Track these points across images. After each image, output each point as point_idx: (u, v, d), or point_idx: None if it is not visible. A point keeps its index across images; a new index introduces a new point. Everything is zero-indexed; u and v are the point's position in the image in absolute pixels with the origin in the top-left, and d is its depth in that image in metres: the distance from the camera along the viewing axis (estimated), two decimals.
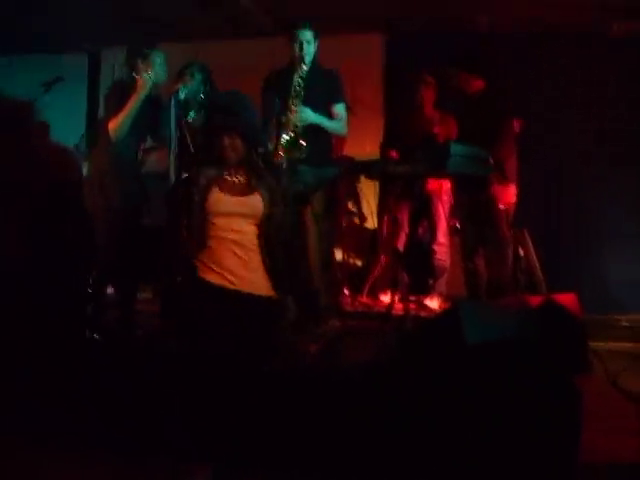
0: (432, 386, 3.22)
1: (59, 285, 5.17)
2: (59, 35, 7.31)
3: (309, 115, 4.64)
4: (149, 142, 5.11)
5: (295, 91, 4.66)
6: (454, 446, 3.01)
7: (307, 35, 4.76)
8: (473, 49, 6.19)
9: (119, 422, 3.50)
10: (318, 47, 4.84)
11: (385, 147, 6.00)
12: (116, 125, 4.59)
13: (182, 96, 4.66)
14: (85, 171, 6.14)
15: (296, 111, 4.61)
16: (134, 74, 4.69)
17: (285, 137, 4.59)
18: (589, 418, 2.94)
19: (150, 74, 4.63)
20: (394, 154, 5.67)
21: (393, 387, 3.32)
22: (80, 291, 5.15)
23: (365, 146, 6.02)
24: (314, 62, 4.85)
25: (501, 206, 5.01)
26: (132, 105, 4.59)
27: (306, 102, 4.64)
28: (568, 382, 3.05)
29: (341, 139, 5.66)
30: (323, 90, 4.77)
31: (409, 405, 3.19)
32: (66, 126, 7.21)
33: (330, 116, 4.78)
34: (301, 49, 4.74)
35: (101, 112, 5.49)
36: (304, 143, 4.57)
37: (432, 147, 5.18)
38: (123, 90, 4.70)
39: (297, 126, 4.61)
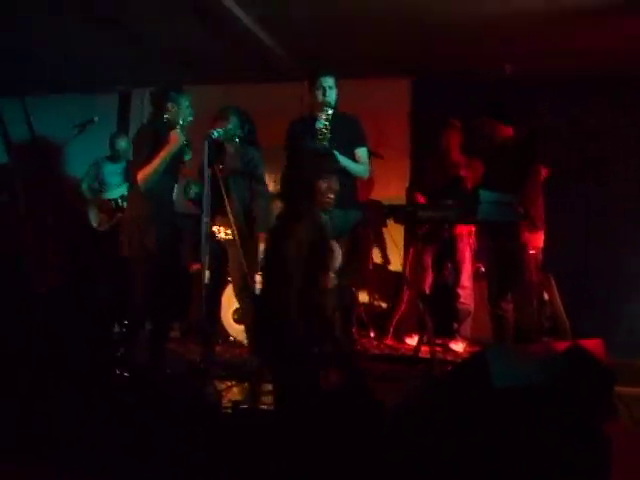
0: (459, 430, 3.23)
1: (90, 323, 5.28)
2: (91, 76, 7.47)
3: (338, 158, 4.69)
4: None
5: (322, 134, 4.76)
6: None
7: (329, 81, 4.89)
8: (500, 96, 6.25)
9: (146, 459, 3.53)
10: (338, 93, 4.95)
11: (412, 190, 6.08)
12: (145, 176, 4.64)
13: (215, 138, 4.72)
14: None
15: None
16: (172, 115, 4.81)
17: None
18: (616, 464, 2.94)
19: (183, 134, 4.73)
20: (421, 198, 5.74)
21: (420, 430, 3.33)
22: (111, 330, 5.26)
23: (390, 189, 6.09)
24: (336, 107, 4.95)
25: (531, 251, 5.03)
26: (162, 159, 4.65)
27: (331, 145, 4.72)
28: (596, 428, 3.05)
29: (365, 182, 5.71)
30: (346, 134, 4.86)
31: (436, 449, 3.20)
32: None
33: (354, 160, 4.87)
34: (324, 94, 4.86)
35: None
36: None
37: (461, 194, 5.25)
38: (151, 137, 4.75)
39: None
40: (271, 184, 5.93)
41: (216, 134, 4.70)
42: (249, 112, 5.20)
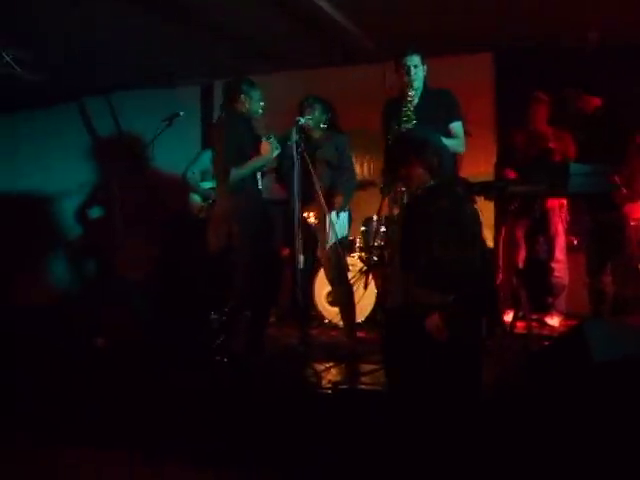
0: (558, 406, 3.23)
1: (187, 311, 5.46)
2: (173, 69, 7.62)
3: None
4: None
5: (406, 116, 4.75)
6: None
7: (415, 60, 4.86)
8: (587, 66, 6.11)
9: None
10: (427, 70, 4.94)
11: (501, 166, 6.01)
12: (235, 177, 4.79)
13: (302, 125, 4.81)
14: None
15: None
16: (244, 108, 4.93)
17: None
18: None
19: (276, 144, 4.84)
20: (511, 173, 5.67)
21: (520, 407, 3.34)
22: (209, 319, 5.41)
23: (479, 166, 6.03)
24: (426, 85, 4.94)
25: (632, 223, 4.94)
26: (254, 165, 4.84)
27: (425, 124, 4.68)
28: None
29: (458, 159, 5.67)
30: (439, 110, 4.84)
31: (534, 425, 3.21)
32: (181, 155, 7.56)
33: (448, 135, 4.82)
34: (409, 74, 4.84)
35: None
36: None
37: (551, 168, 5.17)
38: (238, 136, 4.88)
39: None
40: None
41: (303, 120, 4.81)
42: (330, 99, 5.28)
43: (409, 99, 4.81)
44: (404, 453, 3.30)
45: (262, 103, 5.04)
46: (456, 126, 4.94)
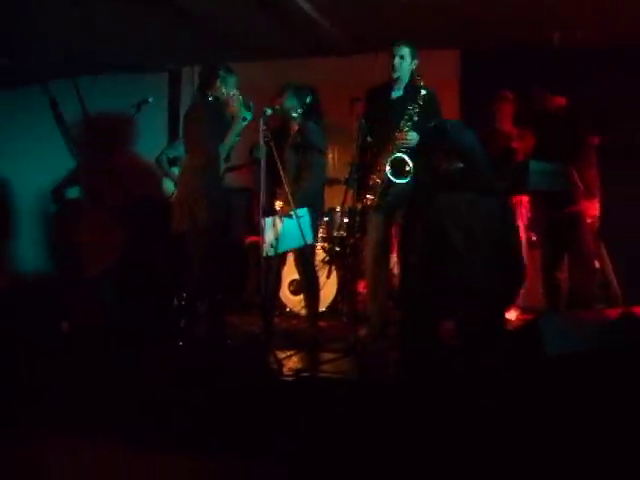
0: (511, 397, 3.30)
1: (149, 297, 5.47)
2: (141, 55, 7.59)
3: (414, 139, 4.75)
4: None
5: (408, 115, 4.76)
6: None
7: (403, 50, 4.87)
8: (551, 66, 6.24)
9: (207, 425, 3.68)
10: (416, 64, 4.95)
11: None
12: (223, 152, 4.91)
13: (269, 115, 4.84)
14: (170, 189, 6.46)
15: (405, 135, 4.74)
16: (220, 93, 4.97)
17: (392, 157, 4.73)
18: None
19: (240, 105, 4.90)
20: None
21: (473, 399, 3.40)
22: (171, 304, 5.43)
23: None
24: (412, 80, 4.94)
25: (588, 220, 5.07)
26: (232, 134, 4.91)
27: (402, 116, 4.76)
28: None
29: None
30: (422, 111, 4.81)
31: (489, 417, 3.28)
32: (147, 141, 7.56)
33: None
34: (393, 62, 4.87)
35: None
36: (411, 164, 4.69)
37: (513, 165, 5.28)
38: (216, 116, 4.95)
39: (401, 148, 4.74)
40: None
41: (269, 111, 4.84)
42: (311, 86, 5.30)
43: (417, 101, 4.77)
44: (364, 441, 3.37)
45: (236, 90, 5.06)
46: None
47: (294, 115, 5.13)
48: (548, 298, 5.25)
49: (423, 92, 4.77)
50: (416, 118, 4.75)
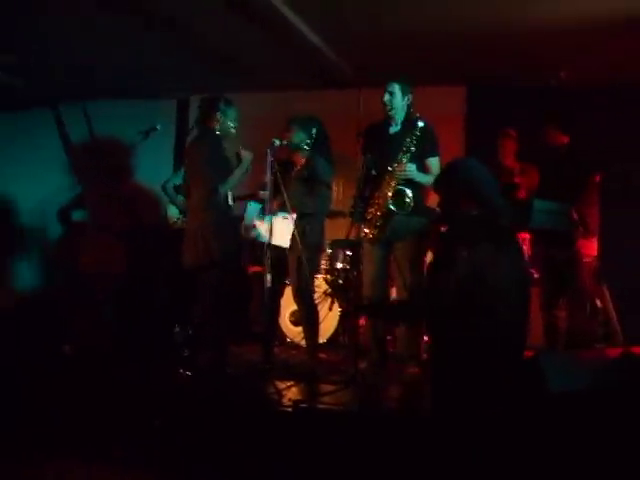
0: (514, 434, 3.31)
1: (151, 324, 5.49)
2: (151, 82, 7.68)
3: (414, 173, 4.81)
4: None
5: (406, 147, 4.81)
6: None
7: (393, 87, 4.95)
8: (556, 103, 6.31)
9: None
10: (409, 100, 5.01)
11: None
12: (224, 191, 4.93)
13: (277, 146, 4.88)
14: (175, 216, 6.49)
15: (404, 166, 4.78)
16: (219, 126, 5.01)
17: (392, 189, 4.77)
18: None
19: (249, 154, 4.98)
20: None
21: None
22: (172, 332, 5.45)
23: None
24: (408, 115, 5.02)
25: (585, 259, 5.10)
26: (239, 175, 4.96)
27: (400, 152, 4.81)
28: None
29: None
30: (418, 143, 4.87)
31: (492, 452, 3.29)
32: (153, 168, 7.59)
33: (424, 169, 4.93)
34: (385, 99, 4.95)
35: None
36: (410, 196, 4.74)
37: (516, 202, 5.32)
38: (219, 151, 4.99)
39: (400, 180, 4.78)
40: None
41: (277, 142, 4.88)
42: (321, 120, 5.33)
43: (415, 132, 4.81)
44: (362, 473, 3.38)
45: (236, 123, 5.11)
46: (432, 161, 4.99)
47: (304, 148, 5.15)
48: (547, 336, 5.26)
49: (420, 124, 4.82)
50: (413, 149, 4.80)
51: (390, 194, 4.76)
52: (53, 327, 5.46)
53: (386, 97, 4.95)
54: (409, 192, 4.74)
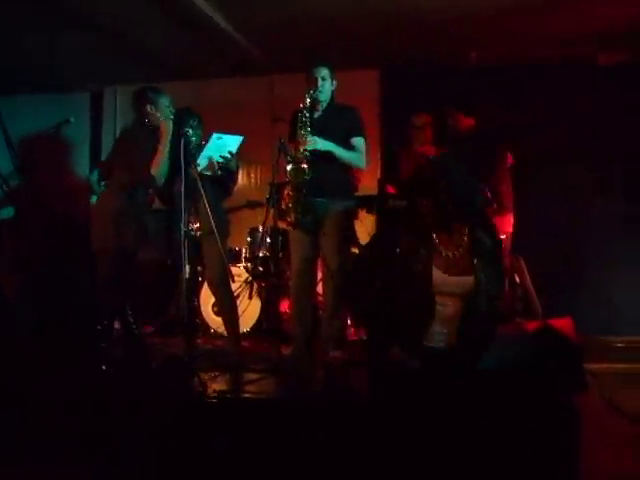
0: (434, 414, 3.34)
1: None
2: (62, 74, 7.52)
3: (317, 142, 4.77)
4: None
5: (301, 122, 4.81)
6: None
7: (323, 72, 4.91)
8: (466, 86, 6.40)
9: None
10: (335, 85, 5.01)
11: (383, 182, 6.20)
12: (157, 169, 4.80)
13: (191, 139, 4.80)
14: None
15: (304, 140, 4.77)
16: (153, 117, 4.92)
17: (292, 165, 4.77)
18: (587, 434, 3.09)
19: (169, 118, 4.85)
20: (391, 189, 5.85)
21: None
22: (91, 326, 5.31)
23: (364, 180, 6.15)
24: (333, 99, 5.02)
25: (501, 235, 5.19)
26: (165, 149, 4.81)
27: (326, 136, 4.79)
28: (566, 402, 3.19)
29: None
30: (342, 125, 4.90)
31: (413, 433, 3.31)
32: (70, 160, 7.45)
33: (349, 148, 4.91)
34: (316, 85, 4.89)
35: (108, 152, 5.59)
36: (306, 166, 4.73)
37: None
38: (146, 140, 4.89)
39: (304, 154, 4.77)
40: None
41: (191, 132, 4.79)
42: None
43: (306, 106, 4.84)
44: (290, 462, 3.36)
45: (171, 110, 4.98)
46: (357, 141, 4.97)
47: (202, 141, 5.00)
48: None
49: (344, 109, 4.83)
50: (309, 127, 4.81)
51: (290, 171, 4.77)
52: None
53: (319, 82, 4.90)
54: (306, 167, 4.74)
